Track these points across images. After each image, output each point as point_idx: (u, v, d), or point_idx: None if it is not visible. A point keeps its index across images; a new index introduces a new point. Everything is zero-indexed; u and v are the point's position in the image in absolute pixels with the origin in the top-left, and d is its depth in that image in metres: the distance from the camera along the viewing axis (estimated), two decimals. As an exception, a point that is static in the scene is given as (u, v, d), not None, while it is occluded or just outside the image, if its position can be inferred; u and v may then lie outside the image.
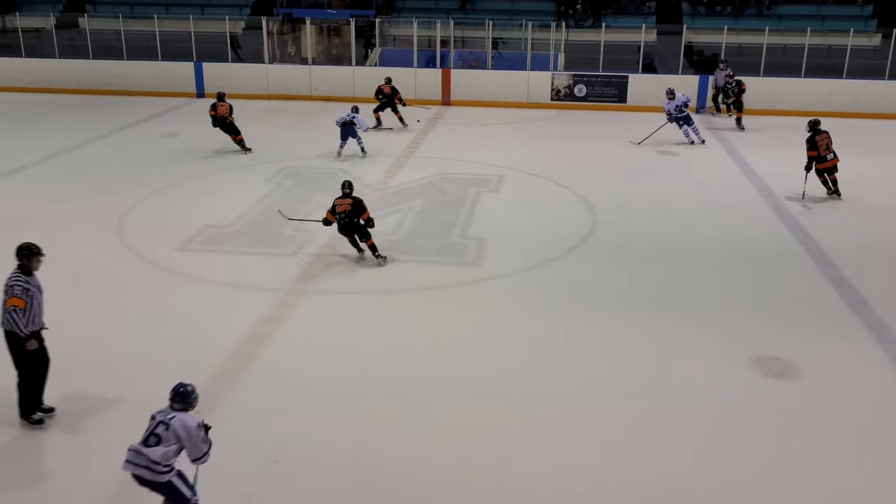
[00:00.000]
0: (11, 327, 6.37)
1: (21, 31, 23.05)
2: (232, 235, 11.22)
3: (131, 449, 5.11)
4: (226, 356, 7.80)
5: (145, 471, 5.06)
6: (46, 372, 6.68)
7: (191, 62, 22.25)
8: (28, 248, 6.58)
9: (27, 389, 6.60)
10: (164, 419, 5.13)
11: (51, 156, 15.48)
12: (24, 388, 6.60)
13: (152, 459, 5.04)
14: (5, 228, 11.42)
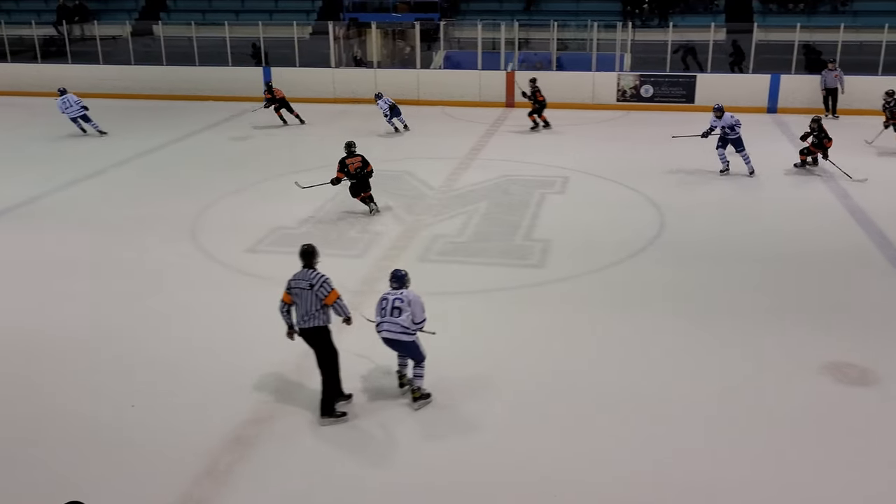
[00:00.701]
0: (343, 314, 6.90)
1: (99, 38, 23.89)
2: (301, 237, 11.41)
3: (384, 321, 6.79)
4: (295, 355, 7.95)
5: (400, 334, 6.78)
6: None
7: (259, 67, 22.73)
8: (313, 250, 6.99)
9: (334, 383, 6.82)
10: (398, 296, 6.84)
11: (127, 159, 16.01)
12: (330, 383, 6.79)
13: (404, 326, 6.75)
14: (86, 230, 11.90)
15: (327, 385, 6.82)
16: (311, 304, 6.70)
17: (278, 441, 6.56)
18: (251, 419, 6.84)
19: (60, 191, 13.77)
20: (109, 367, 7.82)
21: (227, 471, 6.14)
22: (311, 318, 6.73)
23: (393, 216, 12.28)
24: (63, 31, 25.10)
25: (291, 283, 6.81)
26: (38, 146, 17.53)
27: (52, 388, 7.44)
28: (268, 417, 6.89)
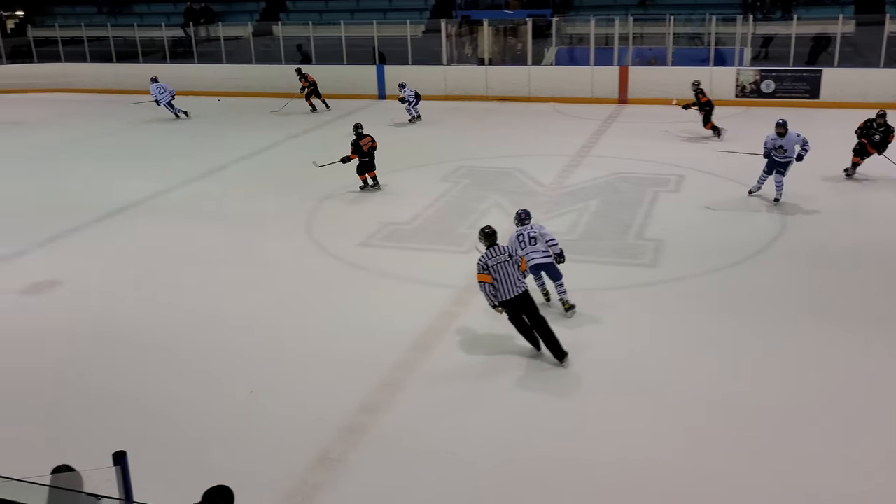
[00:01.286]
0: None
1: (223, 39, 24.93)
2: (411, 232, 11.60)
3: (531, 250, 8.40)
4: (405, 347, 8.09)
5: (544, 258, 8.43)
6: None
7: (373, 65, 23.17)
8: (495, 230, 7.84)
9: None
10: (530, 230, 8.56)
11: (247, 155, 16.65)
12: (550, 331, 7.63)
13: (541, 249, 8.43)
14: (210, 223, 12.45)
15: (550, 334, 7.57)
16: (514, 272, 7.50)
17: (390, 431, 6.68)
18: (364, 408, 6.99)
19: (185, 186, 14.44)
20: (230, 353, 8.15)
21: (340, 459, 6.30)
22: (521, 284, 7.51)
23: (502, 213, 12.27)
24: (190, 32, 26.32)
25: (490, 263, 7.50)
26: (165, 142, 18.45)
27: (176, 371, 7.82)
28: (381, 408, 7.02)
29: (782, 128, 11.99)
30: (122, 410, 7.14)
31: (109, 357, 8.17)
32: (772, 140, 12.10)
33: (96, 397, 7.39)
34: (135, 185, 14.39)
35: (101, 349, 8.32)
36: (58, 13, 29.41)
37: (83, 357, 8.18)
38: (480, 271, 7.53)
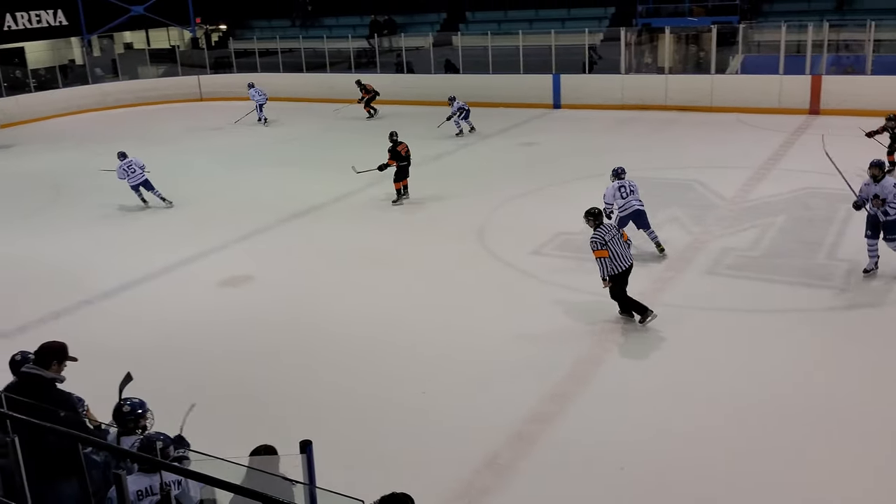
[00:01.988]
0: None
1: (404, 49, 25.80)
2: (583, 242, 11.44)
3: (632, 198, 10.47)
4: (576, 357, 8.01)
5: (640, 205, 10.55)
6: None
7: (549, 74, 23.15)
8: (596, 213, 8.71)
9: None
10: (630, 181, 10.68)
11: (424, 162, 17.08)
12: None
13: (639, 198, 10.60)
14: (385, 226, 12.90)
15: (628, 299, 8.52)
16: (623, 246, 8.41)
17: (559, 441, 6.64)
18: (535, 417, 6.99)
19: (362, 190, 15.02)
20: (403, 354, 8.40)
21: (508, 466, 6.33)
22: (630, 257, 8.50)
23: (679, 226, 11.90)
24: (374, 43, 27.44)
25: (606, 238, 8.35)
26: (346, 148, 19.30)
27: (354, 367, 8.16)
28: (551, 418, 7.00)
29: (877, 168, 9.32)
30: (303, 399, 7.54)
31: (297, 348, 8.65)
32: (866, 186, 9.40)
33: (281, 385, 7.84)
34: (319, 189, 15.16)
35: (289, 341, 8.83)
36: (255, 27, 31.54)
37: (273, 347, 8.72)
38: (599, 248, 8.33)
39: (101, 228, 13.62)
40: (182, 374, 8.17)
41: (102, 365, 6.73)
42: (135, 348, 8.79)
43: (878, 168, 9.23)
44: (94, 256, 12.13)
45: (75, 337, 9.11)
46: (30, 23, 27.33)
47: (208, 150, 19.88)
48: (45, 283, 11.07)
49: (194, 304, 10.16)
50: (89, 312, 10.04)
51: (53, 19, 28.04)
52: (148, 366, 8.18)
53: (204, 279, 10.89)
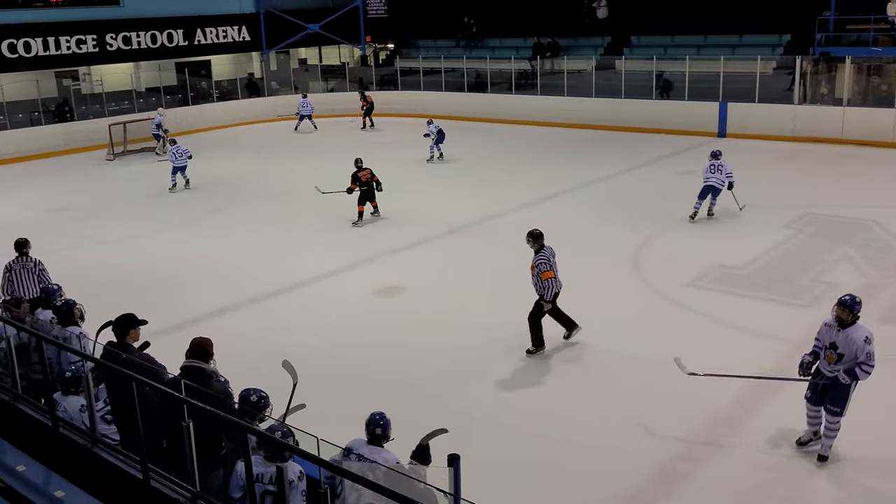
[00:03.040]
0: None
1: (566, 72, 25.76)
2: (744, 278, 11.01)
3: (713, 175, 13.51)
4: (728, 400, 7.68)
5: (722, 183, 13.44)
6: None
7: (716, 102, 22.41)
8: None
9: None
10: (721, 161, 13.58)
11: (578, 186, 16.97)
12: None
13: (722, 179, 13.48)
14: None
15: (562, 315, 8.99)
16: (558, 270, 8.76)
17: (704, 484, 6.38)
18: (681, 455, 6.76)
19: (515, 211, 15.06)
20: (551, 376, 8.33)
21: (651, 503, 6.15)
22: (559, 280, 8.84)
23: (852, 267, 11.18)
24: (535, 65, 27.56)
25: (552, 260, 8.69)
26: (498, 169, 19.45)
27: (499, 388, 8.18)
28: (697, 456, 6.74)
29: (846, 310, 6.46)
30: (453, 412, 7.64)
31: (448, 364, 8.79)
32: (826, 328, 6.68)
33: (428, 396, 7.98)
34: (471, 207, 15.36)
35: (440, 354, 8.98)
36: (422, 46, 32.47)
37: (423, 357, 8.90)
38: (548, 269, 8.60)
39: (270, 232, 14.39)
40: (330, 374, 8.48)
41: (261, 359, 7.09)
42: (291, 344, 9.20)
43: (847, 309, 6.42)
44: (262, 258, 12.84)
45: (241, 332, 9.74)
46: (217, 38, 29.41)
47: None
48: (216, 279, 11.83)
49: (348, 309, 10.54)
50: (254, 310, 10.63)
51: (238, 35, 30.04)
52: (300, 362, 8.55)
53: (359, 287, 11.28)
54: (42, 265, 8.94)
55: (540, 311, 8.84)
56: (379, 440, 4.95)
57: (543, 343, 8.92)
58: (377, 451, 4.86)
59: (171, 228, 14.92)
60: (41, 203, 17.14)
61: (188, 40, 28.48)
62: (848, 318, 6.39)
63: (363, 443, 4.94)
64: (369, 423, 4.95)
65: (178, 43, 28.17)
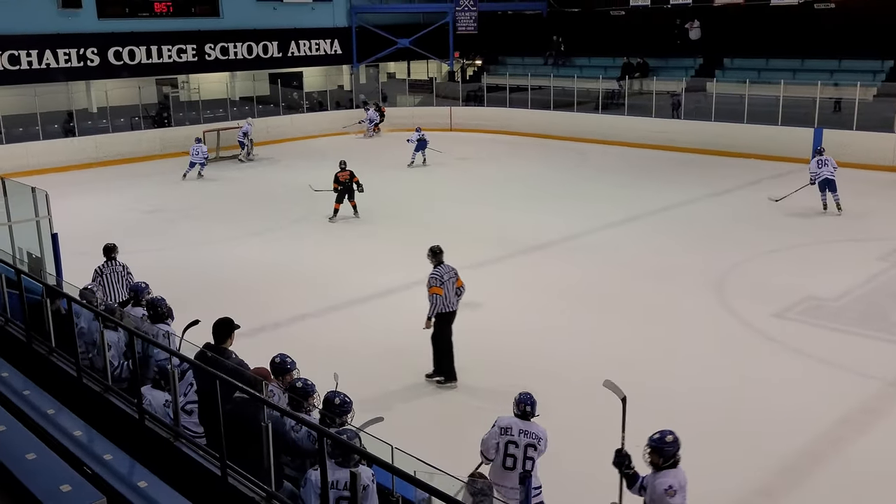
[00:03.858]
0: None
1: (654, 93, 25.40)
2: (836, 310, 10.60)
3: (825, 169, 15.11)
4: (812, 435, 7.40)
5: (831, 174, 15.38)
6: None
7: (811, 128, 21.72)
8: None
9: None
10: (825, 158, 15.52)
11: (665, 208, 16.67)
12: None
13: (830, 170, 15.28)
14: (617, 268, 12.68)
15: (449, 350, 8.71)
16: (453, 290, 8.69)
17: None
18: (759, 491, 6.54)
19: (598, 231, 14.91)
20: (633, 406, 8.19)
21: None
22: (456, 302, 8.74)
23: (953, 305, 10.64)
24: (624, 85, 27.28)
25: (445, 278, 8.61)
26: (585, 187, 19.28)
27: (574, 407, 8.09)
28: (776, 493, 6.51)
29: (656, 455, 5.02)
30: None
31: (521, 380, 8.74)
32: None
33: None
34: (555, 224, 15.27)
35: (513, 372, 8.93)
36: (509, 63, 32.55)
37: (495, 372, 8.87)
38: (436, 285, 8.58)
39: (353, 242, 14.63)
40: (402, 385, 8.54)
41: (333, 368, 7.18)
42: (367, 353, 9.34)
43: (656, 454, 4.98)
44: (344, 267, 13.06)
45: (317, 339, 9.91)
46: (310, 50, 30.16)
47: (451, 179, 20.73)
48: (298, 285, 12.09)
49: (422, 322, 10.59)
50: (331, 319, 10.81)
51: (330, 48, 30.74)
52: (373, 370, 8.67)
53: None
54: (128, 269, 9.15)
55: (440, 334, 8.65)
56: (528, 416, 5.76)
57: (452, 371, 8.63)
58: (530, 424, 5.77)
59: (255, 234, 15.33)
60: (138, 204, 17.86)
61: (282, 52, 29.29)
62: (658, 462, 4.99)
63: (514, 418, 5.75)
64: (520, 401, 5.79)
65: (272, 54, 29.00)
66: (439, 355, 8.73)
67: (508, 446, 5.70)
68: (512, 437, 5.71)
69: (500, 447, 5.71)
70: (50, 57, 23.81)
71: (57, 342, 6.50)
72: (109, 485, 4.54)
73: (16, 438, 4.82)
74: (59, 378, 6.20)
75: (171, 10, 26.20)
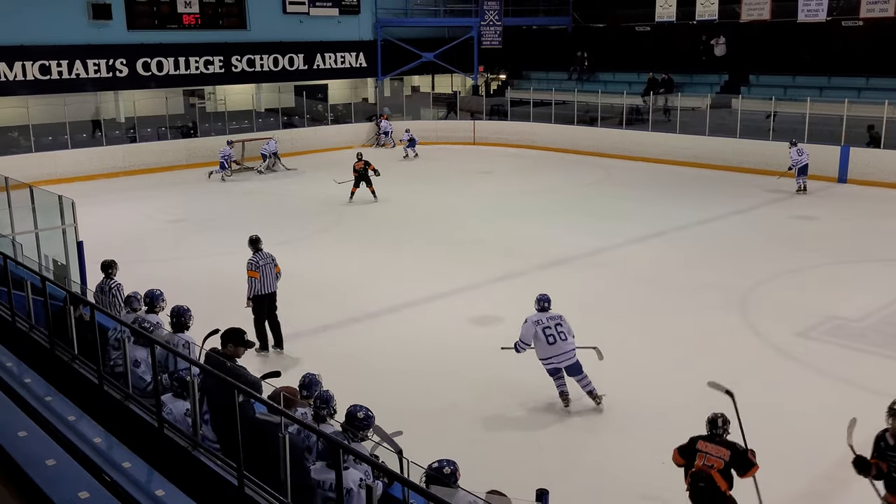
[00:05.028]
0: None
1: (679, 109, 25.29)
2: (860, 331, 10.46)
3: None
4: (835, 457, 7.28)
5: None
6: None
7: (837, 146, 21.51)
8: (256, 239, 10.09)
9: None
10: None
11: (689, 225, 16.56)
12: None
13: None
14: (640, 284, 12.61)
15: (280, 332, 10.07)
16: (272, 274, 9.88)
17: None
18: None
19: (621, 247, 14.83)
20: (642, 419, 8.13)
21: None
22: (275, 285, 9.94)
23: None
24: (648, 101, 27.20)
25: (261, 262, 9.75)
26: (608, 203, 19.21)
27: (597, 424, 8.03)
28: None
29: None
30: (543, 445, 7.54)
31: (542, 396, 8.70)
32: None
33: (515, 429, 7.90)
34: (577, 239, 15.22)
35: (534, 390, 8.90)
36: (533, 78, 32.58)
37: (513, 389, 8.83)
38: (252, 269, 9.74)
39: (374, 254, 14.67)
40: (423, 398, 8.52)
41: (354, 379, 7.20)
42: (387, 368, 9.34)
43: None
44: (367, 278, 13.10)
45: (338, 350, 9.94)
46: (335, 63, 30.39)
47: (473, 193, 20.75)
48: (320, 296, 12.14)
49: (444, 334, 10.59)
50: (354, 329, 10.84)
51: (355, 61, 30.95)
52: (392, 382, 8.67)
53: (456, 314, 11.32)
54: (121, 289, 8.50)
55: (257, 312, 9.84)
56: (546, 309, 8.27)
57: (265, 338, 9.87)
58: (549, 312, 8.20)
59: (278, 245, 15.39)
60: (162, 213, 18.04)
61: (308, 64, 29.53)
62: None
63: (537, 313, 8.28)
64: (539, 299, 8.22)
65: (298, 67, 29.23)
66: (256, 328, 9.79)
67: (545, 331, 8.14)
68: (543, 324, 8.18)
69: (538, 334, 8.15)
70: (80, 67, 24.18)
71: (79, 349, 6.57)
72: (127, 492, 4.57)
73: (37, 444, 4.87)
74: (80, 385, 6.27)
75: (200, 22, 26.52)
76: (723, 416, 5.87)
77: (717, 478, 5.56)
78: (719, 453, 5.65)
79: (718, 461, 5.63)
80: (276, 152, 23.88)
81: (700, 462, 5.67)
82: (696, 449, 5.75)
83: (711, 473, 5.58)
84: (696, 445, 5.77)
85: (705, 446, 5.74)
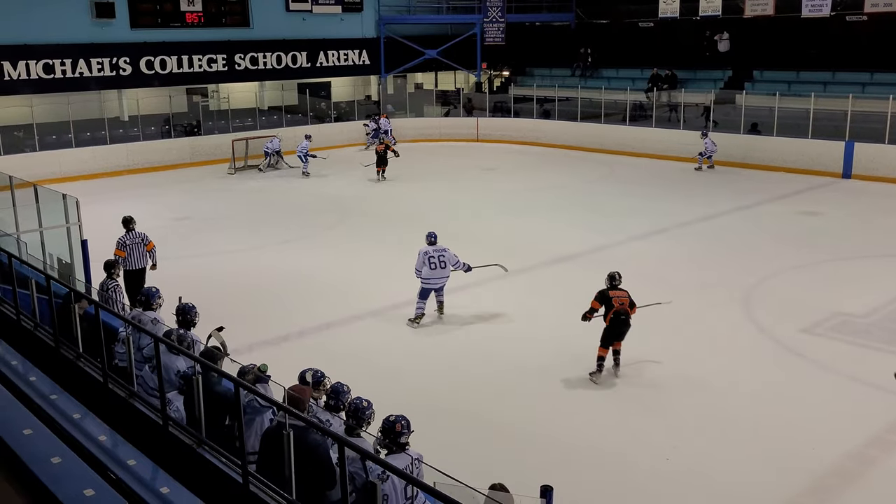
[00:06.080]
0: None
1: (683, 105, 25.23)
2: (865, 327, 10.44)
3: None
4: (840, 453, 7.28)
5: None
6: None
7: (841, 141, 21.46)
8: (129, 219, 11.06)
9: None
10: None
11: (693, 221, 16.53)
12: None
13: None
14: (644, 282, 12.57)
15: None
16: (141, 252, 10.88)
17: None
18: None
19: (624, 244, 14.79)
20: (646, 414, 8.12)
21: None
22: (145, 262, 10.89)
23: None
24: (651, 97, 27.14)
25: (129, 242, 10.71)
26: (613, 200, 19.18)
27: (600, 418, 8.03)
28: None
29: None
30: (548, 441, 7.55)
31: (544, 391, 8.70)
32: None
33: (526, 424, 7.91)
34: (581, 236, 15.21)
35: (537, 383, 8.90)
36: (536, 74, 32.52)
37: (518, 384, 8.84)
38: (119, 248, 10.65)
39: (378, 252, 14.66)
40: (424, 394, 8.53)
41: (359, 378, 7.20)
42: (391, 366, 9.34)
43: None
44: (370, 276, 13.09)
45: (342, 348, 9.94)
46: (338, 61, 30.39)
47: (476, 190, 20.73)
48: (324, 294, 12.14)
49: (448, 331, 10.59)
50: (357, 328, 10.84)
51: (358, 59, 30.94)
52: (397, 381, 8.68)
53: (459, 311, 11.31)
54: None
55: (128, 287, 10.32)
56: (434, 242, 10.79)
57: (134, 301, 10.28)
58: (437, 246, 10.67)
59: (283, 243, 15.43)
60: (166, 211, 18.05)
61: (311, 62, 29.52)
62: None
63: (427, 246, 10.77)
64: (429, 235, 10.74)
65: (301, 64, 29.23)
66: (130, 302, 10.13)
67: (429, 260, 10.64)
68: (430, 254, 10.66)
69: (426, 261, 10.63)
70: (83, 66, 24.20)
71: (84, 347, 6.58)
72: (132, 490, 4.57)
73: (42, 442, 4.88)
74: (85, 383, 6.28)
75: (203, 20, 26.52)
76: (617, 272, 9.14)
77: (629, 309, 8.81)
78: (623, 295, 8.90)
79: (626, 299, 8.89)
80: (279, 150, 23.90)
81: (617, 304, 8.78)
82: (609, 296, 8.87)
83: (626, 308, 8.79)
84: (608, 294, 8.90)
85: (615, 293, 8.91)
